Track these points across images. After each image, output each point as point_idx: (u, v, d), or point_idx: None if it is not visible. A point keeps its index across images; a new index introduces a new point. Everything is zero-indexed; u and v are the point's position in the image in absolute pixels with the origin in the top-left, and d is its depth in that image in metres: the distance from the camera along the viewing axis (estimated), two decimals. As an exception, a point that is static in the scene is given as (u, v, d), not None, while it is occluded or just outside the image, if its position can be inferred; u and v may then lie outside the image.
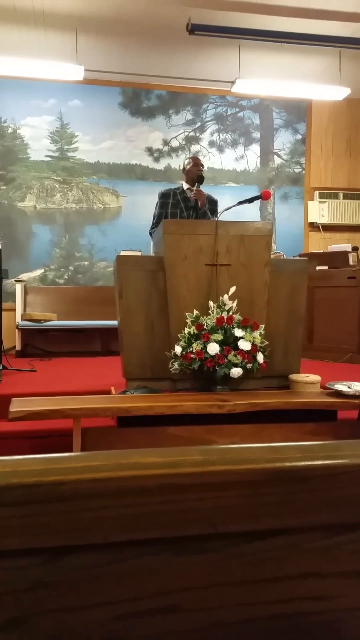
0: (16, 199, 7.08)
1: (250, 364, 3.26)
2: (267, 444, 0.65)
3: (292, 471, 0.62)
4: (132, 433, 3.05)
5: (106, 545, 0.60)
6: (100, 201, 7.31)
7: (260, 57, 6.47)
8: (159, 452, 0.62)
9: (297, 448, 0.64)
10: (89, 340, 6.71)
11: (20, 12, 5.59)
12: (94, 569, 0.61)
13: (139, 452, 0.61)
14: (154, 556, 0.62)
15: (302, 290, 3.67)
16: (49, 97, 7.06)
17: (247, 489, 0.62)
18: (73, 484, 0.58)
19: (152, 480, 0.60)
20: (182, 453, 0.62)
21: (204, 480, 0.61)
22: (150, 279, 3.49)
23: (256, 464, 0.62)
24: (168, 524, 0.61)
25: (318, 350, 5.62)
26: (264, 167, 7.69)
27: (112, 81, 7.11)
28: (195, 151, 7.44)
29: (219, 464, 0.61)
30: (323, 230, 7.68)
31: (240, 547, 0.64)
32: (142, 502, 0.60)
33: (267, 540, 0.64)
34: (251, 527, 0.63)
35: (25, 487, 0.58)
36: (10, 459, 0.60)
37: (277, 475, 0.62)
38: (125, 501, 0.60)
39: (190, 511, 0.61)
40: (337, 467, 0.64)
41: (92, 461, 0.60)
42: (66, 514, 0.59)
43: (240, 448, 0.64)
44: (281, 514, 0.63)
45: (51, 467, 0.59)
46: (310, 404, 3.08)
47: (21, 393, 3.53)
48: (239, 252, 3.50)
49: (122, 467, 0.60)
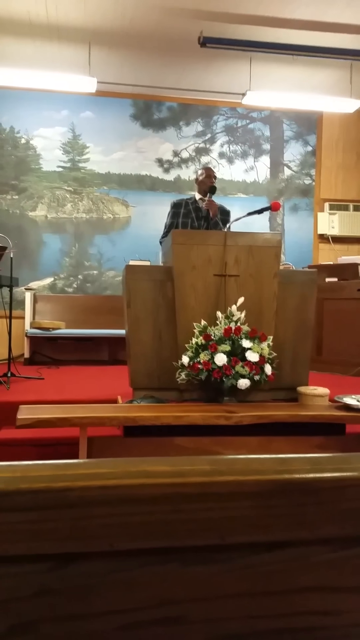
0: (28, 208, 7.14)
1: (258, 375, 3.25)
2: (276, 455, 0.64)
3: (301, 483, 0.62)
4: (138, 443, 3.05)
5: (113, 553, 0.60)
6: (110, 211, 7.35)
7: (272, 70, 6.51)
8: (168, 461, 0.62)
9: (306, 460, 0.64)
10: (96, 348, 6.73)
11: (36, 26, 5.66)
12: (100, 576, 0.60)
13: (148, 461, 0.61)
14: (160, 565, 0.61)
15: (311, 301, 3.66)
16: (61, 108, 7.14)
17: (255, 500, 0.62)
18: (81, 490, 0.58)
19: (160, 489, 0.60)
20: (191, 462, 0.62)
21: (212, 490, 0.61)
22: (158, 289, 3.50)
23: (265, 475, 0.62)
24: (175, 534, 0.61)
25: (327, 362, 5.60)
26: (274, 179, 7.71)
27: (124, 93, 7.18)
28: (205, 162, 7.48)
29: (227, 474, 0.61)
30: (333, 242, 7.67)
31: (247, 558, 0.64)
32: (150, 511, 0.60)
33: (274, 552, 0.64)
34: (259, 539, 0.63)
35: (34, 493, 0.58)
36: (20, 464, 0.60)
37: (285, 487, 0.62)
38: (132, 509, 0.59)
39: (198, 521, 0.61)
40: (345, 479, 0.64)
41: (101, 468, 0.60)
42: (74, 521, 0.59)
43: (249, 459, 0.64)
44: (289, 526, 0.63)
45: (60, 474, 0.59)
46: (319, 417, 3.07)
47: (29, 400, 3.54)
48: (247, 262, 3.50)
49: (131, 475, 0.60)
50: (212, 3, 5.24)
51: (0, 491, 0.58)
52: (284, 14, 5.40)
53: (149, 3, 5.23)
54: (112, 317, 6.54)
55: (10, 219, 7.05)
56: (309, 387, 3.50)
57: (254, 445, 3.11)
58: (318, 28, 5.59)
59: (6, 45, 6.09)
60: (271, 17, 5.44)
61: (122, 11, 5.38)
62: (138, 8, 5.32)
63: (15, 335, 5.82)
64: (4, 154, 7.07)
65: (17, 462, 0.61)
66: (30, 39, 5.96)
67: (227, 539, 0.62)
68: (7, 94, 6.93)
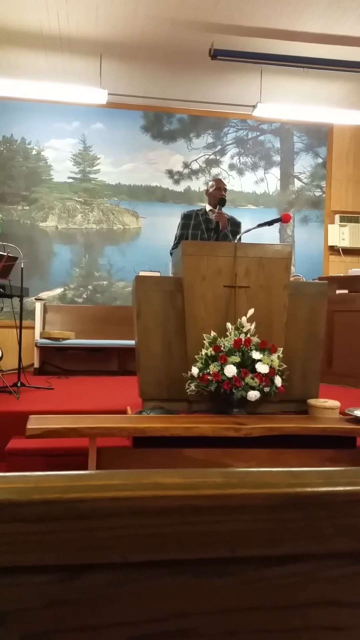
0: (38, 219, 7.19)
1: (268, 387, 3.24)
2: (289, 469, 0.64)
3: (314, 497, 0.62)
4: (148, 454, 3.04)
5: (124, 565, 0.60)
6: (120, 222, 7.39)
7: (282, 82, 6.54)
8: (180, 473, 0.62)
9: (319, 473, 0.64)
10: (106, 359, 6.74)
11: (47, 38, 5.74)
12: (111, 588, 0.60)
13: (160, 472, 0.61)
14: (172, 578, 0.61)
15: (322, 313, 3.65)
16: (72, 120, 7.20)
17: (267, 514, 0.61)
18: (93, 502, 0.59)
19: (172, 501, 0.60)
20: (203, 475, 0.62)
21: (224, 503, 0.61)
22: (168, 300, 3.51)
23: (277, 488, 0.61)
24: (187, 546, 0.60)
25: (337, 375, 5.57)
26: (284, 190, 7.72)
27: (135, 105, 7.24)
28: (215, 174, 7.51)
29: (239, 487, 0.61)
30: (343, 254, 7.66)
31: (259, 571, 0.63)
32: (162, 523, 0.60)
33: (286, 566, 0.64)
34: (271, 552, 0.63)
35: (46, 504, 0.58)
36: (33, 474, 0.60)
37: (298, 501, 0.62)
38: (144, 521, 0.59)
39: (210, 534, 0.61)
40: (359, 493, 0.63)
41: (113, 480, 0.60)
42: (85, 532, 0.59)
43: (261, 472, 0.63)
44: (301, 539, 0.62)
45: (72, 485, 0.59)
46: (329, 430, 3.05)
47: (38, 410, 3.55)
48: (257, 274, 3.51)
49: (142, 487, 0.60)
50: (223, 16, 5.29)
51: (13, 501, 0.58)
52: (294, 27, 5.44)
53: (160, 15, 5.29)
54: (122, 327, 6.56)
55: (21, 230, 7.10)
56: (319, 399, 3.48)
57: (264, 458, 3.10)
58: (329, 41, 5.62)
59: (18, 57, 6.17)
60: (282, 30, 5.49)
61: (133, 23, 5.44)
62: (149, 20, 5.38)
63: (25, 345, 5.84)
64: (15, 165, 7.14)
65: (29, 472, 0.61)
66: (42, 51, 6.03)
67: (238, 551, 0.62)
68: (18, 106, 7.01)
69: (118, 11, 5.24)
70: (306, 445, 3.14)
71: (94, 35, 5.68)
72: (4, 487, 0.59)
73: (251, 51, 5.86)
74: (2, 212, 7.01)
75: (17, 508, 0.58)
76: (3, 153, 7.10)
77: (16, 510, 0.58)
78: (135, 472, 0.62)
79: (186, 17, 5.31)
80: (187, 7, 5.14)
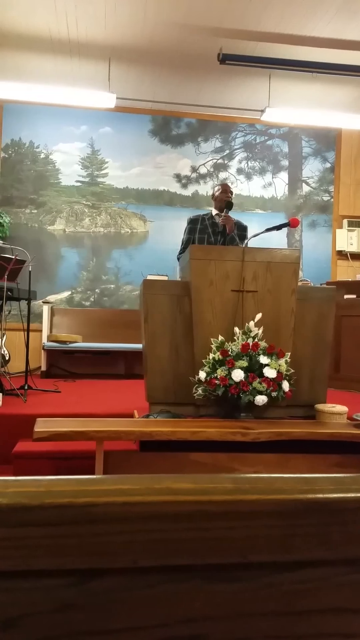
0: (46, 222, 7.22)
1: (276, 392, 3.23)
2: (300, 475, 0.64)
3: (325, 503, 0.62)
4: (154, 458, 3.04)
5: (135, 570, 0.60)
6: (128, 226, 7.40)
7: (291, 87, 6.55)
8: (191, 479, 0.62)
9: (330, 480, 0.64)
10: (113, 362, 6.74)
11: (56, 42, 5.77)
12: (122, 592, 0.60)
13: (171, 478, 0.61)
14: (183, 583, 0.61)
15: (330, 318, 3.64)
16: (81, 124, 7.23)
17: (278, 520, 0.61)
18: (104, 506, 0.59)
19: (183, 507, 0.60)
20: (214, 480, 0.62)
21: (235, 509, 0.60)
22: (175, 304, 3.51)
23: (288, 494, 0.61)
24: (198, 551, 0.60)
25: (345, 380, 5.55)
26: (292, 195, 7.72)
27: (143, 109, 7.26)
28: (223, 178, 7.51)
29: (250, 493, 0.61)
30: (351, 259, 7.64)
31: (270, 577, 0.63)
32: (173, 528, 0.60)
33: (297, 572, 0.63)
34: (282, 558, 0.62)
35: (58, 508, 0.58)
36: (44, 479, 0.60)
37: (309, 507, 0.62)
38: (155, 526, 0.59)
39: (221, 539, 0.61)
40: (370, 499, 0.63)
41: (124, 484, 0.60)
42: (97, 537, 0.59)
43: (272, 478, 0.63)
44: (313, 546, 0.62)
45: (83, 489, 0.59)
46: (337, 435, 3.04)
47: (45, 414, 3.55)
48: (265, 278, 3.50)
49: (154, 491, 0.60)
50: (232, 20, 5.30)
51: (24, 505, 0.58)
52: (303, 32, 5.45)
53: (169, 20, 5.31)
54: (129, 331, 6.56)
55: (29, 233, 7.13)
56: (327, 404, 3.47)
57: (271, 462, 3.09)
58: (338, 46, 5.62)
59: (27, 61, 6.21)
60: (291, 35, 5.49)
61: (141, 28, 5.46)
62: (158, 25, 5.40)
63: (32, 349, 5.86)
64: (23, 169, 7.17)
65: (40, 476, 0.62)
66: (50, 55, 6.07)
67: (249, 557, 0.62)
68: (27, 109, 7.05)
69: (127, 16, 5.26)
70: (313, 451, 3.13)
71: (102, 40, 5.71)
72: (16, 491, 0.59)
73: (260, 56, 5.86)
74: (10, 215, 7.04)
75: (29, 512, 0.58)
76: (11, 156, 7.14)
77: (27, 514, 0.58)
78: (146, 477, 0.62)
79: (195, 22, 5.33)
80: (196, 11, 5.15)
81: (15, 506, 0.58)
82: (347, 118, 6.88)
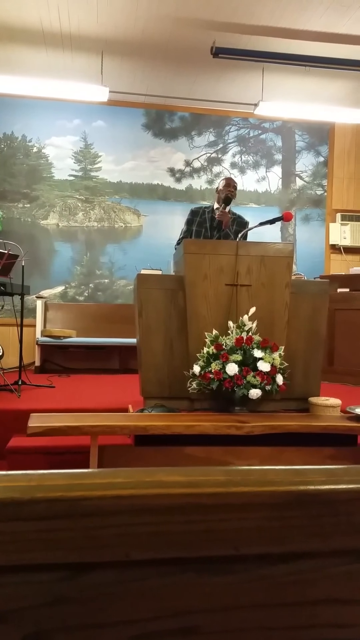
0: (39, 217, 7.19)
1: (270, 385, 3.24)
2: (291, 467, 0.64)
3: (316, 494, 0.62)
4: (149, 452, 3.04)
5: (128, 563, 0.60)
6: (122, 220, 7.38)
7: (284, 80, 6.54)
8: (183, 471, 0.62)
9: (322, 471, 0.64)
10: (107, 357, 6.74)
11: (48, 35, 5.73)
12: (114, 586, 0.60)
13: (163, 471, 0.61)
14: (175, 576, 0.61)
15: (323, 312, 3.65)
16: (73, 117, 7.20)
17: (270, 512, 0.61)
18: (96, 500, 0.58)
19: (175, 499, 0.60)
20: (206, 473, 0.62)
21: (227, 501, 0.60)
22: (170, 298, 3.50)
23: (280, 486, 0.61)
24: (190, 544, 0.60)
25: (338, 373, 5.57)
26: (286, 189, 7.72)
27: (136, 103, 7.23)
28: (217, 172, 7.50)
29: (242, 485, 0.61)
30: (345, 253, 7.65)
31: (262, 569, 0.63)
32: (165, 521, 0.60)
33: (289, 564, 0.64)
34: (274, 550, 0.62)
35: (49, 502, 0.58)
36: (36, 473, 0.60)
37: (301, 498, 0.62)
38: (147, 519, 0.59)
39: (213, 532, 0.61)
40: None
41: (116, 478, 0.60)
42: (89, 530, 0.58)
43: (264, 470, 0.63)
44: (304, 537, 0.62)
45: (75, 483, 0.59)
46: (330, 428, 3.05)
47: (40, 409, 3.54)
48: (259, 272, 3.50)
49: (146, 484, 0.60)
50: (225, 14, 5.28)
51: (16, 500, 0.58)
52: (297, 25, 5.43)
53: (162, 13, 5.28)
54: (123, 325, 6.56)
55: (22, 228, 7.10)
56: (320, 397, 3.48)
57: (265, 456, 3.10)
58: (331, 39, 5.61)
59: (19, 54, 6.17)
60: (284, 28, 5.48)
61: (134, 21, 5.43)
62: (151, 18, 5.37)
63: (26, 344, 5.85)
64: (15, 163, 7.13)
65: (32, 470, 0.61)
66: (42, 48, 6.03)
67: (241, 549, 0.62)
68: (19, 103, 7.01)
69: (120, 8, 5.23)
70: (307, 443, 3.14)
71: (95, 32, 5.67)
72: (7, 485, 0.59)
73: (253, 49, 5.85)
74: (2, 209, 7.01)
75: (20, 506, 0.58)
76: (4, 150, 7.10)
77: (19, 508, 0.58)
78: (138, 470, 0.62)
79: (188, 15, 5.30)
80: (189, 4, 5.13)
81: (6, 500, 0.58)
82: (341, 112, 6.87)
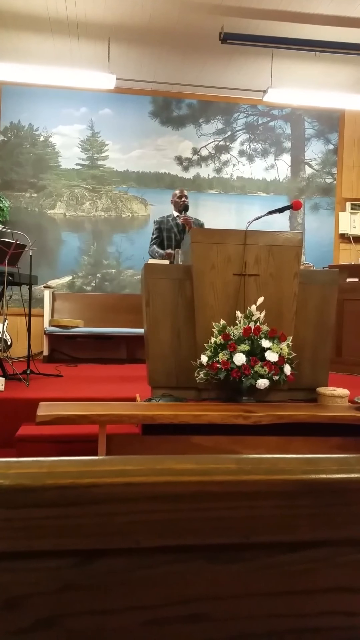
0: (46, 206, 7.18)
1: (277, 375, 3.23)
2: (303, 455, 0.64)
3: (328, 483, 0.62)
4: (156, 441, 3.05)
5: (138, 550, 0.60)
6: (129, 209, 7.36)
7: (294, 66, 6.47)
8: (193, 459, 0.62)
9: (333, 460, 0.63)
10: (114, 347, 6.75)
11: (55, 22, 5.69)
12: (125, 573, 0.60)
13: (173, 458, 0.61)
14: (185, 563, 0.61)
15: (332, 302, 3.63)
16: (80, 105, 7.16)
17: (281, 500, 0.61)
18: (107, 487, 0.58)
19: (185, 487, 0.60)
20: (217, 461, 0.62)
21: (238, 489, 0.60)
22: (177, 288, 3.49)
23: (291, 474, 0.61)
24: (200, 532, 0.60)
25: (347, 363, 5.55)
26: (295, 177, 7.66)
27: (143, 90, 7.18)
28: (225, 160, 7.46)
29: (253, 473, 0.61)
30: (354, 242, 7.60)
31: (272, 558, 0.63)
32: (175, 509, 0.60)
33: (300, 552, 0.64)
34: (284, 539, 0.62)
35: (60, 489, 0.58)
36: (47, 460, 0.60)
37: (312, 487, 0.61)
38: (158, 507, 0.59)
39: (223, 520, 0.61)
40: (373, 480, 0.63)
41: (126, 465, 0.60)
42: (99, 517, 0.59)
43: (276, 458, 0.63)
44: (315, 526, 0.62)
45: (86, 470, 0.59)
46: (338, 418, 3.04)
47: (48, 398, 3.56)
48: (267, 262, 3.48)
49: (156, 472, 0.60)
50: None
51: (27, 487, 0.58)
52: (307, 9, 5.37)
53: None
54: (131, 315, 6.56)
55: (29, 217, 7.10)
56: (328, 387, 3.47)
57: (273, 445, 3.10)
58: (342, 23, 5.53)
59: (25, 42, 6.13)
60: (294, 12, 5.41)
61: (141, 7, 5.38)
62: (158, 3, 5.32)
63: (34, 333, 5.86)
64: (22, 152, 7.12)
65: (43, 458, 0.61)
66: (49, 35, 5.99)
67: (252, 538, 0.62)
68: (25, 91, 6.98)
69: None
70: (315, 433, 3.14)
71: (101, 19, 5.63)
72: (18, 472, 0.59)
73: (262, 34, 5.78)
74: (10, 199, 7.00)
75: (31, 493, 0.58)
76: (10, 139, 7.08)
77: (30, 495, 0.58)
78: (149, 458, 0.62)
79: (196, 0, 5.25)
80: (197, -10, 5.08)
81: (18, 487, 0.58)
82: (351, 99, 6.79)
